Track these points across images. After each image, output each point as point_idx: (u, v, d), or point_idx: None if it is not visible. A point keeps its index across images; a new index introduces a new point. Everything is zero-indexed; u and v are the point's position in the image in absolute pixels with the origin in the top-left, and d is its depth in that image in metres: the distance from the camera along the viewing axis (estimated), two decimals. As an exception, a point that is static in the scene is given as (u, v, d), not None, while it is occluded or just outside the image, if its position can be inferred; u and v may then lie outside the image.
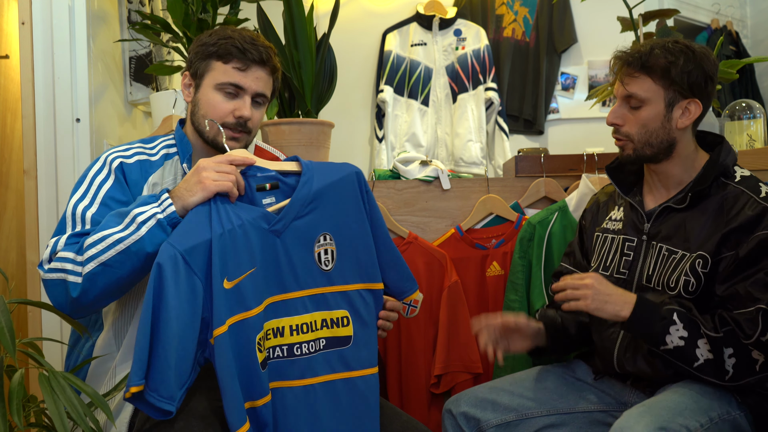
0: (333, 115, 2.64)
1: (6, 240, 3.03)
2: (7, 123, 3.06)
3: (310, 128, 2.39)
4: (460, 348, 2.11)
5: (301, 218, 1.47)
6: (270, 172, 1.49)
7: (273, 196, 1.49)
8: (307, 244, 1.48)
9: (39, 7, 2.17)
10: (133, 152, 1.54)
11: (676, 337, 1.44)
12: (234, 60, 1.53)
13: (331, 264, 1.49)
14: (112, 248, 1.33)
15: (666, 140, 1.57)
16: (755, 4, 4.23)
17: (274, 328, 1.44)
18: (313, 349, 1.46)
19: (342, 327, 1.48)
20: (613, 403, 1.64)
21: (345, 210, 1.52)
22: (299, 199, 1.47)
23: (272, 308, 1.44)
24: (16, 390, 1.21)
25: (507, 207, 2.24)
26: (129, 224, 1.34)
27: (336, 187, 1.52)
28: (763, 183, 1.55)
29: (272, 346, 1.44)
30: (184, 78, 1.60)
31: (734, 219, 1.49)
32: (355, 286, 1.51)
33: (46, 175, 2.18)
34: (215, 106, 1.54)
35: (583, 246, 1.80)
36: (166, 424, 1.35)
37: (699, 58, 1.54)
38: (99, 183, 1.47)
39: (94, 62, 2.26)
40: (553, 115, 3.75)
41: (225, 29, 1.58)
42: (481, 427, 1.62)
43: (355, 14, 3.63)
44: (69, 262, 1.35)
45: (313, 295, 1.47)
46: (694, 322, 1.45)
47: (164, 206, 1.36)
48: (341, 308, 1.49)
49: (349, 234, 1.51)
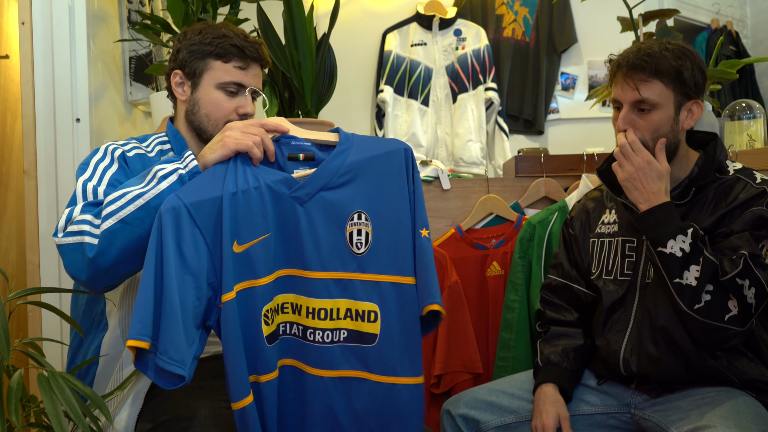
0: (333, 115, 2.64)
1: (6, 240, 3.03)
2: (7, 123, 3.06)
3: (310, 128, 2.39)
4: (460, 348, 2.11)
5: (332, 190, 1.33)
6: (305, 142, 1.39)
7: (307, 167, 1.38)
8: (338, 220, 1.33)
9: (39, 7, 2.17)
10: (131, 146, 1.55)
11: (678, 246, 1.45)
12: (234, 59, 1.56)
13: (364, 247, 1.34)
14: (132, 203, 1.29)
15: (674, 143, 1.57)
16: (755, 4, 4.23)
17: (292, 303, 1.32)
18: (329, 339, 1.31)
19: (368, 322, 1.32)
20: (615, 405, 1.63)
21: (386, 188, 1.36)
22: (330, 168, 1.34)
23: (289, 281, 1.32)
24: (15, 390, 1.21)
25: (507, 207, 2.24)
26: (150, 180, 1.33)
27: (378, 162, 1.37)
28: (756, 172, 1.57)
29: (287, 322, 1.32)
30: (174, 76, 1.60)
31: (731, 202, 1.51)
32: (389, 277, 1.33)
33: (46, 175, 2.18)
34: (219, 105, 1.57)
35: (570, 256, 1.77)
36: (168, 425, 1.35)
37: (698, 60, 1.56)
38: (104, 168, 1.47)
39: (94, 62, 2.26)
40: (553, 115, 3.75)
41: (215, 27, 1.60)
42: (480, 428, 1.62)
43: (355, 14, 3.63)
44: (86, 224, 1.30)
45: (339, 279, 1.32)
46: (700, 247, 1.45)
47: (186, 161, 1.35)
48: (371, 300, 1.32)
49: (388, 216, 1.35)
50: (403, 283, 1.33)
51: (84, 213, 1.33)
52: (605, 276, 1.66)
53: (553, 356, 1.67)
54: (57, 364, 1.96)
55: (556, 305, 1.77)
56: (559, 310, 1.75)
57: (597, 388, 1.67)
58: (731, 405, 1.42)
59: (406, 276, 1.33)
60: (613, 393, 1.65)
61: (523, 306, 2.08)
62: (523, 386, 1.69)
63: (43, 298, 2.07)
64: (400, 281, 1.33)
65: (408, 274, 1.33)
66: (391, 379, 1.31)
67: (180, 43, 1.60)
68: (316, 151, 1.38)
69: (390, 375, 1.31)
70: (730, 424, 1.34)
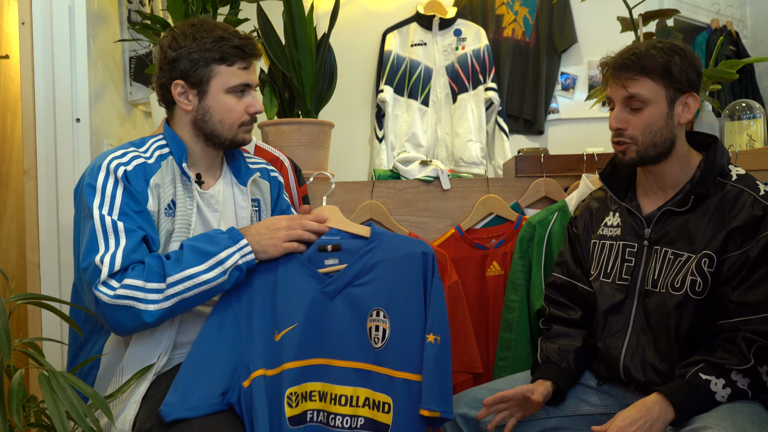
0: (333, 115, 2.64)
1: (6, 240, 3.03)
2: (7, 123, 3.06)
3: (310, 128, 2.39)
4: (460, 348, 2.11)
5: (357, 286, 1.48)
6: (336, 235, 1.53)
7: (336, 257, 1.52)
8: (360, 314, 1.47)
9: (39, 7, 2.17)
10: (130, 157, 1.52)
11: (720, 389, 1.42)
12: (238, 60, 1.55)
13: (381, 342, 1.46)
14: (197, 288, 1.42)
15: (669, 139, 1.57)
16: (755, 4, 4.23)
17: (320, 391, 1.45)
18: (348, 425, 1.44)
19: (383, 413, 1.43)
20: (615, 406, 1.62)
21: (403, 289, 1.47)
22: (357, 266, 1.49)
23: (317, 370, 1.45)
24: (16, 390, 1.21)
25: (507, 207, 2.24)
26: (214, 266, 1.43)
27: (400, 263, 1.48)
28: (759, 182, 1.55)
29: (315, 409, 1.45)
30: (175, 87, 1.55)
31: (736, 218, 1.49)
32: (401, 373, 1.44)
33: (46, 175, 2.18)
34: (231, 109, 1.57)
35: (574, 254, 1.77)
36: (166, 426, 1.35)
37: (690, 55, 1.56)
38: (111, 191, 1.47)
39: (94, 62, 2.26)
40: (553, 115, 3.75)
41: (205, 27, 1.56)
42: (480, 428, 1.62)
43: (355, 14, 3.63)
44: (139, 290, 1.40)
45: (360, 369, 1.45)
46: (720, 366, 1.43)
47: (244, 252, 1.46)
48: (385, 393, 1.43)
49: (404, 316, 1.46)
50: (413, 380, 1.43)
51: (134, 277, 1.40)
52: (603, 278, 1.66)
53: (552, 355, 1.67)
54: (57, 364, 1.96)
55: (560, 303, 1.77)
56: (564, 308, 1.75)
57: (597, 389, 1.67)
58: (728, 405, 1.42)
59: (415, 374, 1.43)
60: (614, 394, 1.65)
61: (523, 306, 2.08)
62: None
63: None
64: (410, 378, 1.43)
65: (417, 371, 1.43)
66: None
67: (174, 52, 1.55)
68: (343, 241, 1.52)
69: None
70: (726, 425, 1.34)
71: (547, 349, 1.69)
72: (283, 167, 2.10)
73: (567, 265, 1.77)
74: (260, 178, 1.73)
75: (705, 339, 1.51)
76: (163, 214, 1.52)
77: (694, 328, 1.51)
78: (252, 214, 1.67)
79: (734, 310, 1.47)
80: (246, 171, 1.69)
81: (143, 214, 1.48)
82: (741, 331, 1.44)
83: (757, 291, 1.45)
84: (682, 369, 1.48)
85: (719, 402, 1.41)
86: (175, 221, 1.53)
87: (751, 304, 1.45)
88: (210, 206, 1.61)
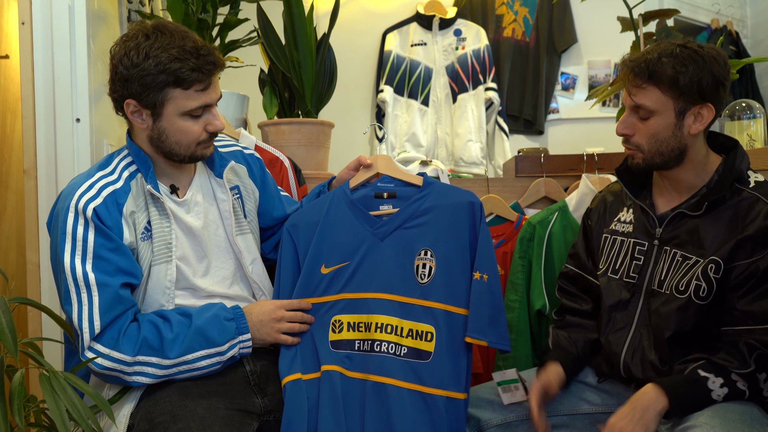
0: (333, 115, 2.64)
1: (6, 240, 3.03)
2: (7, 123, 3.06)
3: (310, 128, 2.39)
4: (460, 348, 2.11)
5: (408, 229, 1.60)
6: (390, 182, 1.67)
7: (390, 203, 1.66)
8: (409, 254, 1.59)
9: (39, 7, 2.17)
10: (98, 189, 1.46)
11: (717, 387, 1.42)
12: (195, 83, 1.44)
13: (427, 278, 1.57)
14: (191, 372, 1.46)
15: (677, 148, 1.53)
16: (755, 4, 4.23)
17: (365, 322, 1.56)
18: (392, 351, 1.54)
19: (425, 341, 1.53)
20: (615, 405, 1.62)
21: (451, 232, 1.58)
22: (409, 210, 1.62)
23: (362, 303, 1.57)
24: (17, 390, 1.20)
25: (507, 207, 2.24)
26: (213, 356, 1.47)
27: (450, 210, 1.60)
28: None
29: (357, 339, 1.56)
30: (127, 106, 1.46)
31: (749, 226, 1.46)
32: (443, 306, 1.55)
33: (46, 175, 2.17)
34: (187, 132, 1.48)
35: (588, 246, 1.77)
36: (164, 426, 1.35)
37: (709, 64, 1.48)
38: (82, 235, 1.42)
39: (94, 62, 2.26)
40: (553, 115, 3.75)
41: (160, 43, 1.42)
42: (481, 426, 1.62)
43: (355, 14, 3.63)
44: (126, 365, 1.42)
45: (405, 302, 1.56)
46: (720, 367, 1.43)
47: (244, 345, 1.51)
48: (429, 323, 1.54)
49: (449, 256, 1.57)
50: (455, 312, 1.55)
51: (121, 351, 1.42)
52: (611, 274, 1.66)
53: (563, 341, 1.69)
54: (57, 363, 1.96)
55: (572, 294, 1.78)
56: (576, 299, 1.77)
57: (597, 387, 1.67)
58: (720, 405, 1.41)
59: (459, 307, 1.55)
60: (614, 392, 1.65)
61: (523, 306, 2.08)
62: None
63: (42, 299, 2.07)
64: (452, 310, 1.55)
65: (461, 305, 1.55)
66: (439, 392, 1.50)
67: (126, 70, 1.42)
68: (397, 189, 1.66)
69: (439, 388, 1.50)
70: (716, 423, 1.34)
71: (559, 337, 1.71)
72: (283, 167, 2.10)
73: (579, 257, 1.78)
74: (236, 163, 1.68)
75: (705, 342, 1.51)
76: (140, 240, 1.48)
77: (695, 332, 1.51)
78: (234, 203, 1.63)
79: (739, 319, 1.46)
80: (220, 161, 1.63)
81: (119, 251, 1.43)
82: (743, 338, 1.44)
83: (763, 302, 1.44)
84: (681, 365, 1.48)
85: (714, 400, 1.41)
86: (153, 245, 1.49)
87: (756, 314, 1.44)
88: (189, 211, 1.57)
